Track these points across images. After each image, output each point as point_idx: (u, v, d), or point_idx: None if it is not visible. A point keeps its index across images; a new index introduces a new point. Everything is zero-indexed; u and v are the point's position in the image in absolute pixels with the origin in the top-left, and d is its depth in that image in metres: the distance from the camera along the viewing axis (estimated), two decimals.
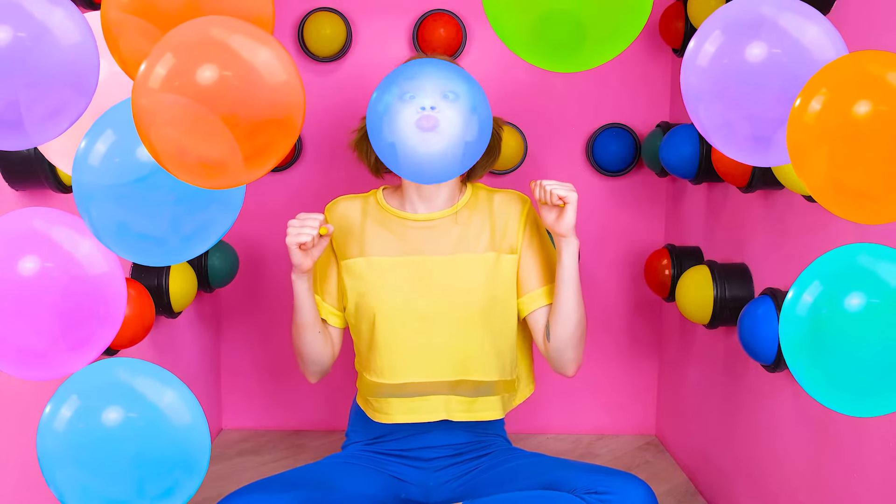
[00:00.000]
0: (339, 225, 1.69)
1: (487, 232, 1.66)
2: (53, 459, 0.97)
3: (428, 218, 1.66)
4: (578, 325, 1.63)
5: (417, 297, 1.61)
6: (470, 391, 1.65)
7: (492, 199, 1.71)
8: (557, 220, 1.57)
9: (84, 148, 0.96)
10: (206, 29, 0.86)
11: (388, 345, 1.63)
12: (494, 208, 1.69)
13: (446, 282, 1.62)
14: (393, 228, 1.66)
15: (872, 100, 0.84)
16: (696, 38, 0.98)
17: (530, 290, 1.67)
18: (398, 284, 1.62)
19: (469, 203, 1.69)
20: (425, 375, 1.63)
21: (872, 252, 0.91)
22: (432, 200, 1.66)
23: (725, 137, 0.99)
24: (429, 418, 1.65)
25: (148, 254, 1.01)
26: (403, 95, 1.30)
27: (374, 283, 1.63)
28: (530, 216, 1.71)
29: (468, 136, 1.27)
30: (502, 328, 1.66)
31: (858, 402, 0.92)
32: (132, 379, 0.99)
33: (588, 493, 1.44)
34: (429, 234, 1.65)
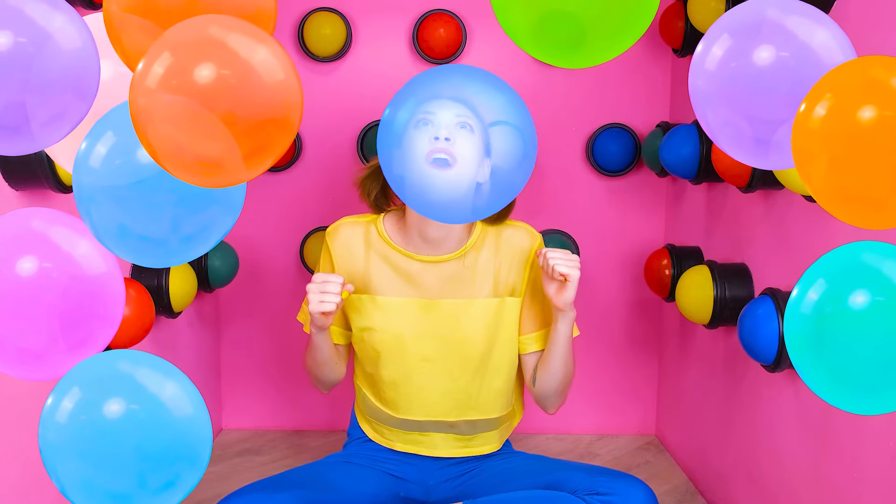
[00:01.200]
0: (342, 257, 1.63)
1: (492, 275, 1.61)
2: (55, 451, 0.97)
3: (434, 260, 1.60)
4: (563, 380, 1.65)
5: (420, 339, 1.59)
6: (468, 430, 1.66)
7: (500, 233, 1.64)
8: (557, 293, 1.54)
9: (84, 149, 0.96)
10: (203, 27, 0.86)
11: (391, 381, 1.63)
12: (502, 245, 1.63)
13: (449, 326, 1.59)
14: (397, 267, 1.61)
15: (877, 105, 0.84)
16: (704, 41, 0.98)
17: (527, 333, 1.66)
18: (402, 326, 1.59)
19: (477, 243, 1.62)
20: (425, 415, 1.64)
21: (877, 250, 0.91)
22: (439, 244, 1.58)
23: (733, 140, 0.99)
24: (428, 453, 1.67)
25: (148, 255, 1.01)
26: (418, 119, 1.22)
27: (378, 322, 1.60)
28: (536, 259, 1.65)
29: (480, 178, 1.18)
30: (504, 367, 1.65)
31: (862, 399, 0.92)
32: (134, 371, 0.99)
33: (589, 494, 1.45)
34: (434, 276, 1.60)
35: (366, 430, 1.73)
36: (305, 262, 2.44)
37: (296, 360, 2.51)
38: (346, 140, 2.44)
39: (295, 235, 2.47)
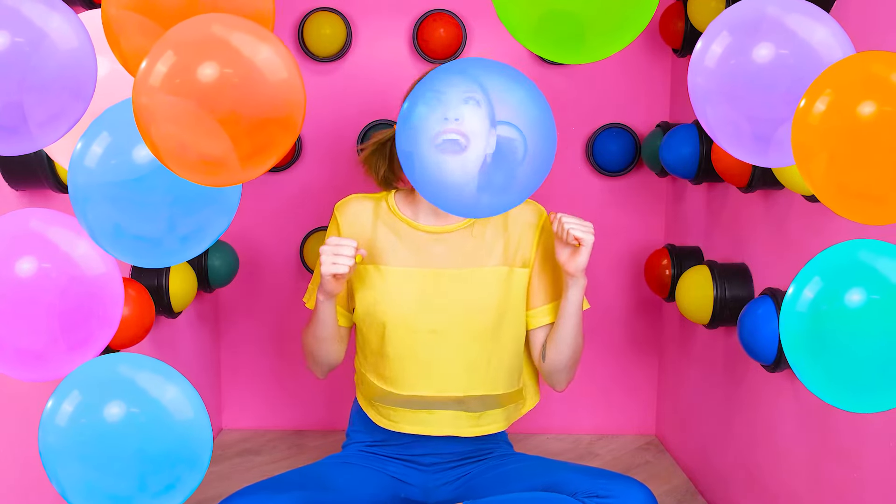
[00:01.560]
0: (351, 226, 1.66)
1: (501, 245, 1.64)
2: (55, 455, 0.97)
3: (442, 230, 1.62)
4: (573, 355, 1.64)
5: (428, 310, 1.59)
6: (477, 405, 1.65)
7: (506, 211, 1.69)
8: (570, 258, 1.54)
9: (80, 150, 0.96)
10: (206, 26, 0.86)
11: (398, 356, 1.62)
12: (509, 219, 1.66)
13: (458, 296, 1.60)
14: (405, 238, 1.63)
15: (877, 101, 0.84)
16: (704, 39, 0.98)
17: (536, 306, 1.66)
18: (409, 297, 1.60)
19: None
20: (434, 390, 1.62)
21: (872, 248, 0.91)
22: (447, 216, 1.63)
23: (733, 138, 0.99)
24: (435, 433, 1.65)
25: (144, 255, 1.00)
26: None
27: (384, 293, 1.61)
28: (545, 230, 1.67)
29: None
30: (511, 341, 1.65)
31: (859, 397, 0.92)
32: (134, 374, 1.00)
33: (589, 497, 1.44)
34: (442, 246, 1.62)
35: (372, 417, 1.71)
36: (305, 262, 2.44)
37: (296, 360, 2.51)
38: (346, 140, 2.44)
39: (295, 235, 2.47)
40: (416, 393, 1.62)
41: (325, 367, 1.71)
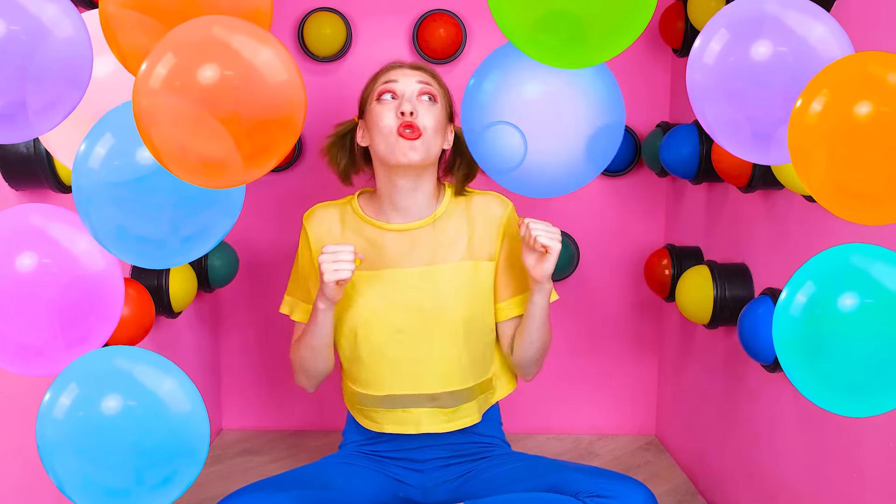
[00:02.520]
0: (319, 236, 1.68)
1: (465, 239, 1.65)
2: (52, 448, 0.97)
3: (405, 228, 1.64)
4: (539, 351, 1.67)
5: (394, 310, 1.61)
6: (450, 401, 1.65)
7: (470, 202, 1.69)
8: (536, 264, 1.56)
9: (84, 151, 0.96)
10: (207, 28, 0.86)
11: (370, 358, 1.63)
12: (473, 213, 1.67)
13: (423, 294, 1.61)
14: (370, 240, 1.65)
15: (873, 101, 0.84)
16: (702, 36, 0.97)
17: (504, 299, 1.68)
18: (375, 298, 1.61)
19: (448, 209, 1.67)
20: (407, 388, 1.63)
21: (865, 252, 0.91)
22: (408, 210, 1.64)
23: (731, 136, 0.99)
24: (413, 430, 1.66)
25: (148, 257, 1.01)
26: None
27: (351, 298, 1.63)
28: (511, 222, 1.69)
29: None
30: (480, 335, 1.66)
31: (852, 402, 0.92)
32: (131, 367, 1.00)
33: (590, 497, 1.44)
34: (406, 245, 1.64)
35: (358, 419, 1.73)
36: None
37: None
38: None
39: (295, 235, 2.47)
40: (391, 392, 1.63)
41: (318, 379, 1.71)
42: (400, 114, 1.56)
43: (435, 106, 1.60)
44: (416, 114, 1.57)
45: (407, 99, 1.58)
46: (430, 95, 1.60)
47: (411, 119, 1.56)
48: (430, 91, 1.60)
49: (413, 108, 1.57)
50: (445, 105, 1.64)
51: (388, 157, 1.58)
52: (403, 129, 1.56)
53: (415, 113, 1.57)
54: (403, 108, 1.57)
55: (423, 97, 1.60)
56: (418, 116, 1.57)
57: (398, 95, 1.60)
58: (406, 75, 1.62)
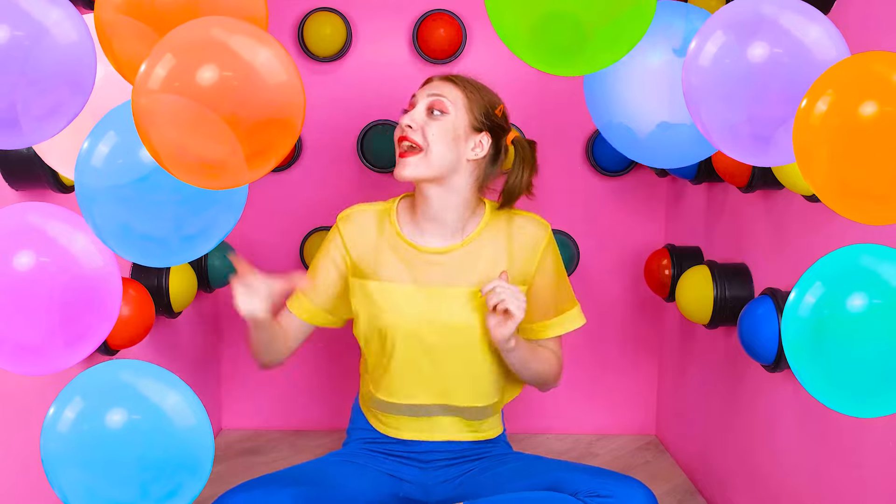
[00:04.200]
0: (353, 240, 1.66)
1: (505, 259, 1.63)
2: (57, 461, 0.97)
3: (440, 251, 1.62)
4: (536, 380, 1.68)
5: (427, 326, 1.60)
6: (476, 415, 1.67)
7: (511, 222, 1.66)
8: (496, 327, 1.53)
9: (86, 149, 0.96)
10: (206, 29, 0.86)
11: (399, 369, 1.63)
12: (513, 233, 1.65)
13: (456, 312, 1.61)
14: (405, 257, 1.63)
15: (878, 100, 0.84)
16: (698, 38, 0.98)
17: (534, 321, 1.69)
18: (410, 312, 1.61)
19: (485, 232, 1.65)
20: (437, 399, 1.64)
21: (874, 253, 0.91)
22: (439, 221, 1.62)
23: (727, 137, 0.99)
24: (437, 438, 1.66)
25: (150, 255, 1.01)
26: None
27: (385, 309, 1.62)
28: (549, 247, 1.67)
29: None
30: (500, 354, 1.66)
31: (860, 402, 0.92)
32: (136, 381, 1.00)
33: (590, 496, 1.44)
34: (440, 266, 1.63)
35: (374, 424, 1.72)
36: (305, 262, 2.44)
37: (296, 360, 2.51)
38: (346, 140, 2.44)
39: (295, 235, 2.47)
40: (419, 402, 1.64)
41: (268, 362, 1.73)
42: (406, 126, 1.58)
43: (444, 118, 1.58)
44: (416, 127, 1.57)
45: (412, 113, 1.59)
46: (437, 109, 1.58)
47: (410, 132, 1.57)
48: (436, 104, 1.58)
49: (412, 121, 1.57)
50: (469, 115, 1.60)
51: (395, 174, 1.60)
52: (399, 145, 1.58)
53: (413, 126, 1.57)
54: (403, 121, 1.58)
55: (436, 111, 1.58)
56: (418, 130, 1.57)
57: (411, 110, 1.60)
58: (425, 89, 1.62)
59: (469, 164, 1.61)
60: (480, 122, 1.61)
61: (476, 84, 1.65)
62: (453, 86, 1.62)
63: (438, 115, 1.58)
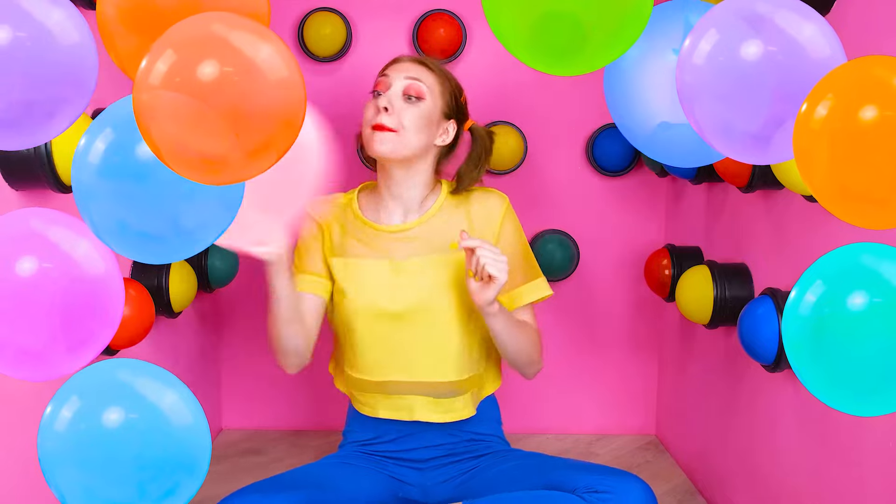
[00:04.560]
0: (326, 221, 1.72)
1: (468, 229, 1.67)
2: (54, 460, 0.97)
3: (401, 228, 1.67)
4: (521, 357, 1.66)
5: (390, 297, 1.62)
6: (444, 392, 1.65)
7: (469, 198, 1.71)
8: (479, 291, 1.51)
9: (83, 146, 0.96)
10: (207, 25, 0.86)
11: (365, 344, 1.64)
12: (472, 206, 1.70)
13: (418, 282, 1.63)
14: (365, 237, 1.68)
15: (879, 105, 0.84)
16: (692, 36, 0.98)
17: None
18: (373, 285, 1.63)
19: (443, 207, 1.69)
20: (404, 375, 1.64)
21: (875, 251, 0.91)
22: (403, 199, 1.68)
23: (721, 136, 0.99)
24: (408, 417, 1.67)
25: (148, 251, 1.01)
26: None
27: (348, 284, 1.64)
28: (508, 216, 1.70)
29: None
30: (475, 327, 1.66)
31: (861, 401, 0.92)
32: (133, 380, 0.99)
33: (588, 492, 1.45)
34: (402, 241, 1.67)
35: (355, 405, 1.75)
36: None
37: None
38: (347, 140, 2.43)
39: (295, 235, 2.47)
40: (389, 378, 1.64)
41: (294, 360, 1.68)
42: (383, 109, 1.60)
43: (420, 104, 1.62)
44: (393, 110, 1.60)
45: (388, 95, 1.62)
46: (413, 94, 1.62)
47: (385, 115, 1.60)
48: (415, 90, 1.62)
49: (389, 104, 1.60)
50: (441, 101, 1.65)
51: (366, 148, 1.65)
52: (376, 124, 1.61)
53: (390, 109, 1.60)
54: (380, 103, 1.61)
55: (407, 96, 1.62)
56: (394, 113, 1.60)
57: (385, 91, 1.63)
58: (399, 70, 1.65)
59: (434, 149, 1.67)
60: (450, 109, 1.67)
61: (445, 69, 1.70)
62: (428, 71, 1.65)
63: (415, 100, 1.62)
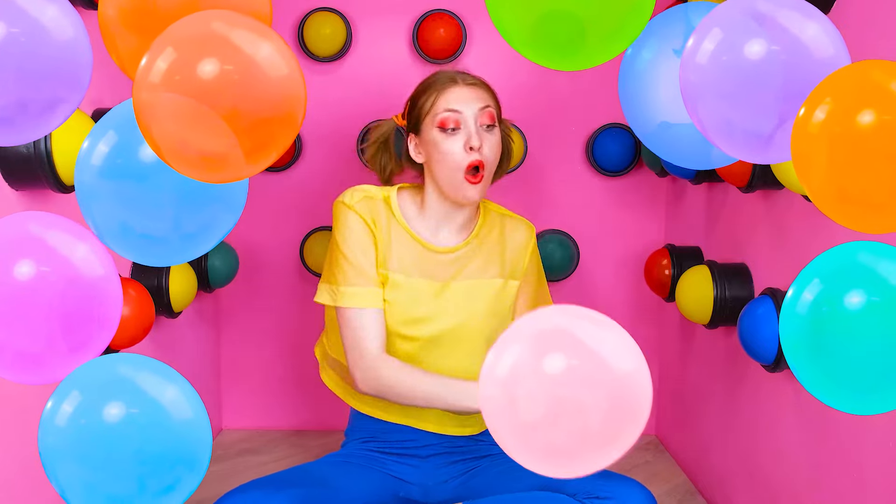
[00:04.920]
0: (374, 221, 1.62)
1: (498, 257, 1.68)
2: (55, 455, 0.97)
3: (450, 249, 1.65)
4: None
5: (430, 319, 1.62)
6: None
7: (503, 224, 1.72)
8: None
9: (86, 148, 0.96)
10: (207, 23, 0.86)
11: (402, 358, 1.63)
12: (506, 234, 1.71)
13: (457, 305, 1.63)
14: (413, 253, 1.64)
15: (877, 109, 0.84)
16: (695, 35, 0.98)
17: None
18: (412, 305, 1.61)
19: (483, 229, 1.70)
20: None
21: (872, 250, 0.91)
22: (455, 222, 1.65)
23: (724, 135, 0.99)
24: (422, 426, 1.67)
25: (150, 254, 1.01)
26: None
27: (392, 301, 1.62)
28: (535, 248, 1.75)
29: None
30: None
31: (859, 399, 0.92)
32: (134, 374, 1.00)
33: (588, 498, 1.45)
34: (445, 262, 1.66)
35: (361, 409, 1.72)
36: (305, 262, 2.44)
37: (296, 359, 2.51)
38: (347, 140, 2.44)
39: (295, 235, 2.47)
40: None
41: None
42: (469, 149, 1.55)
43: (495, 130, 1.60)
44: (481, 147, 1.56)
45: (473, 130, 1.56)
46: (490, 123, 1.59)
47: (479, 157, 1.55)
48: (489, 117, 1.59)
49: (480, 142, 1.56)
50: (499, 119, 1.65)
51: (450, 194, 1.60)
52: (470, 172, 1.56)
53: (476, 147, 1.55)
54: (472, 143, 1.55)
55: (485, 125, 1.58)
56: (482, 149, 1.56)
57: (461, 125, 1.57)
58: (467, 100, 1.58)
59: None
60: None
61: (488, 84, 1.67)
62: (488, 93, 1.63)
63: (491, 128, 1.60)
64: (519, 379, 0.79)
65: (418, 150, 1.65)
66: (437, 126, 1.58)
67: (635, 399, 0.81)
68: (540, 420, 0.78)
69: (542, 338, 0.80)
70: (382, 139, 1.72)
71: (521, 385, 0.78)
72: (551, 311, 0.82)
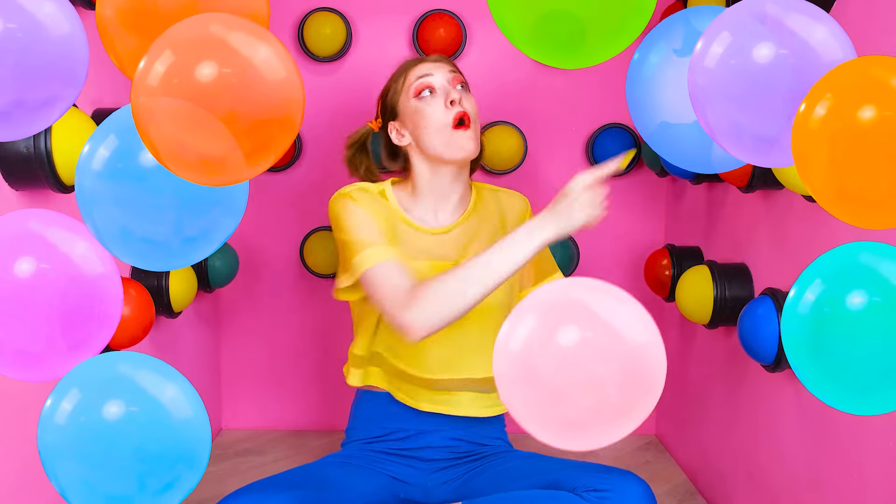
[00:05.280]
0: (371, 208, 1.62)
1: (500, 228, 1.70)
2: (54, 453, 0.97)
3: (447, 229, 1.67)
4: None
5: None
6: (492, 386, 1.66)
7: (498, 198, 1.74)
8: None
9: (87, 152, 0.96)
10: (204, 26, 0.86)
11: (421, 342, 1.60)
12: (502, 205, 1.73)
13: None
14: (412, 239, 1.65)
15: (877, 105, 0.84)
16: (704, 39, 0.98)
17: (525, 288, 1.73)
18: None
19: (479, 203, 1.71)
20: (456, 373, 1.63)
21: (874, 250, 0.91)
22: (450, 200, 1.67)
23: (733, 138, 0.99)
24: (456, 412, 1.65)
25: (151, 258, 1.01)
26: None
27: None
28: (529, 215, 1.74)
29: None
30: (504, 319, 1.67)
31: (860, 400, 0.92)
32: (133, 373, 1.00)
33: (587, 491, 1.45)
34: (448, 242, 1.66)
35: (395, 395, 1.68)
36: (305, 262, 2.44)
37: (296, 359, 2.51)
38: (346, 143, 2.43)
39: (295, 235, 2.47)
40: (440, 376, 1.63)
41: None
42: (449, 103, 1.58)
43: (469, 93, 1.64)
44: (461, 100, 1.60)
45: (446, 89, 1.61)
46: (463, 83, 1.63)
47: (461, 108, 1.58)
48: (463, 78, 1.64)
49: (459, 96, 1.59)
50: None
51: (445, 152, 1.60)
52: (458, 122, 1.58)
53: (460, 100, 1.59)
54: (452, 97, 1.59)
55: (459, 85, 1.62)
56: (462, 103, 1.60)
57: (436, 89, 1.61)
58: (436, 68, 1.64)
59: None
60: None
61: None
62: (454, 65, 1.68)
63: (465, 87, 1.64)
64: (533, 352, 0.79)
65: (400, 133, 1.67)
66: (414, 96, 1.62)
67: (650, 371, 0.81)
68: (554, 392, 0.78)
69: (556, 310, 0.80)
70: (360, 142, 1.77)
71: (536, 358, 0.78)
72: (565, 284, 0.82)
